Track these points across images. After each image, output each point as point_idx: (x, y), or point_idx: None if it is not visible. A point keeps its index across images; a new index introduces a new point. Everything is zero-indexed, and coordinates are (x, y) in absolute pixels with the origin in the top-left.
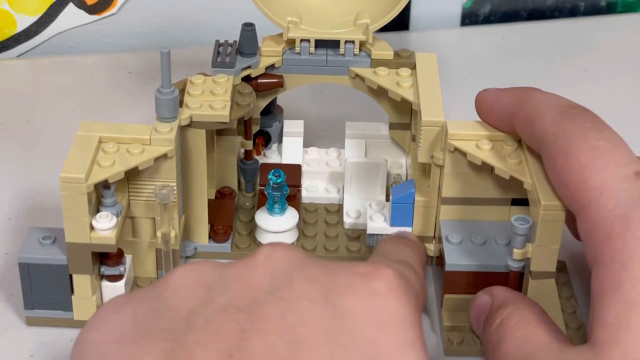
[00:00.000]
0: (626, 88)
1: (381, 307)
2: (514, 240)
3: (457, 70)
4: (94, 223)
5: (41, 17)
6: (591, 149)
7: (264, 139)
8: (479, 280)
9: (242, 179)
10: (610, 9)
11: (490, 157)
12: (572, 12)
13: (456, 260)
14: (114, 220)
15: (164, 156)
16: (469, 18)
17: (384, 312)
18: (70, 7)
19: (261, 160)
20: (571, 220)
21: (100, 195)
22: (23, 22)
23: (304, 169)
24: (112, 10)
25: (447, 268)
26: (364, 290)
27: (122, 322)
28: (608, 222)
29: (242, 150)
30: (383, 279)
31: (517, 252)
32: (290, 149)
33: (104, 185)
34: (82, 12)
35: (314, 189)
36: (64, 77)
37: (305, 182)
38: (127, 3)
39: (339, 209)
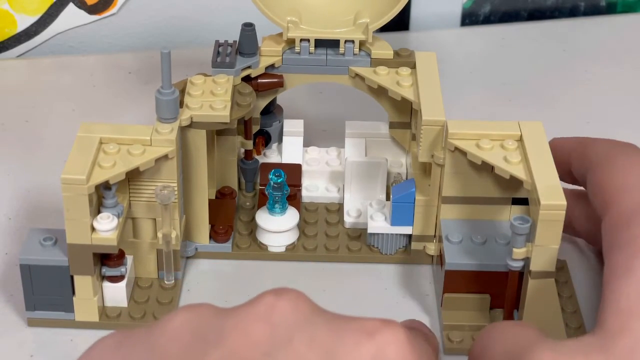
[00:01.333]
0: (626, 88)
1: None
2: (514, 240)
3: (457, 70)
4: (95, 224)
5: (41, 17)
6: (631, 164)
7: (264, 138)
8: (479, 280)
9: (242, 179)
10: (610, 9)
11: (491, 157)
12: (572, 12)
13: (456, 259)
14: (115, 221)
15: (165, 157)
16: (469, 18)
17: None
18: (71, 7)
19: (261, 159)
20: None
21: (101, 196)
22: (23, 22)
23: (304, 168)
24: (112, 10)
25: (447, 267)
26: (370, 355)
27: None
28: (631, 212)
29: (242, 150)
30: (393, 337)
31: (516, 252)
32: (290, 148)
33: (105, 186)
34: (82, 12)
35: (314, 189)
36: (64, 77)
37: (305, 182)
38: (127, 3)
39: (339, 208)
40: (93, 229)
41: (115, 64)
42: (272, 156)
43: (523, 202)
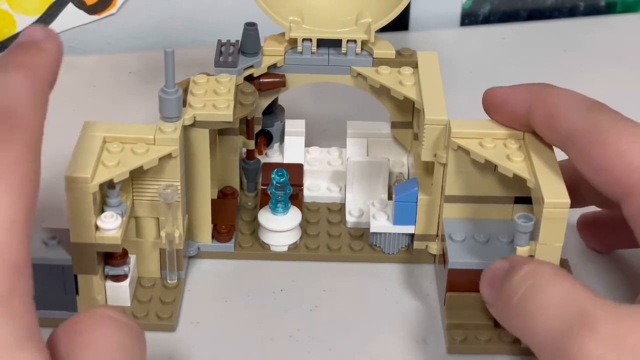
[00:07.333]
0: (626, 88)
1: None
2: (517, 238)
3: (457, 71)
4: (99, 223)
5: (40, 17)
6: (627, 135)
7: (266, 138)
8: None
9: (244, 179)
10: (609, 9)
11: (494, 156)
12: (572, 12)
13: (459, 258)
14: (119, 220)
15: (168, 156)
16: (469, 18)
17: None
18: (70, 7)
19: (263, 159)
20: (586, 229)
21: (104, 195)
22: (22, 22)
23: (305, 168)
24: (111, 10)
25: (450, 266)
26: None
27: None
28: None
29: (244, 150)
30: None
31: (520, 250)
32: (292, 148)
33: (109, 185)
34: (81, 12)
35: (315, 188)
36: (64, 77)
37: (307, 182)
38: (127, 3)
39: (341, 207)
40: (97, 227)
41: (116, 64)
42: (273, 156)
43: (526, 200)
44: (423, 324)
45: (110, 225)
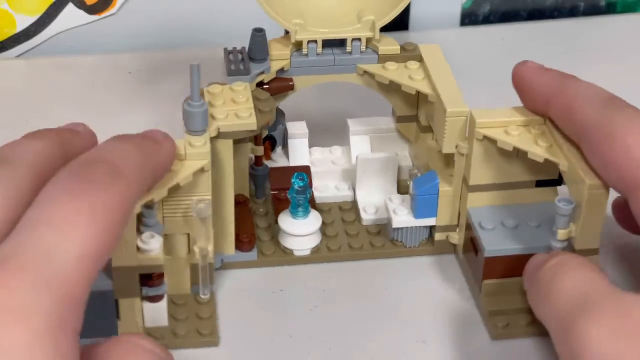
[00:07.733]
0: (626, 88)
1: None
2: (558, 221)
3: (456, 70)
4: (140, 244)
5: (40, 17)
6: (637, 131)
7: (270, 143)
8: (517, 263)
9: (252, 186)
10: (610, 9)
11: (521, 142)
12: (572, 12)
13: (494, 246)
14: (160, 240)
15: (200, 170)
16: (469, 18)
17: None
18: (70, 7)
19: (269, 164)
20: (620, 211)
21: (141, 215)
22: (22, 22)
23: (311, 169)
24: (111, 10)
25: (486, 254)
26: None
27: None
28: None
29: (252, 157)
30: None
31: (561, 233)
32: (297, 150)
33: (146, 205)
34: (81, 12)
35: (324, 189)
36: (64, 77)
37: (314, 183)
38: (127, 3)
39: (352, 206)
40: (137, 249)
41: (115, 64)
42: (279, 160)
43: (547, 183)
44: (458, 313)
45: (151, 246)
